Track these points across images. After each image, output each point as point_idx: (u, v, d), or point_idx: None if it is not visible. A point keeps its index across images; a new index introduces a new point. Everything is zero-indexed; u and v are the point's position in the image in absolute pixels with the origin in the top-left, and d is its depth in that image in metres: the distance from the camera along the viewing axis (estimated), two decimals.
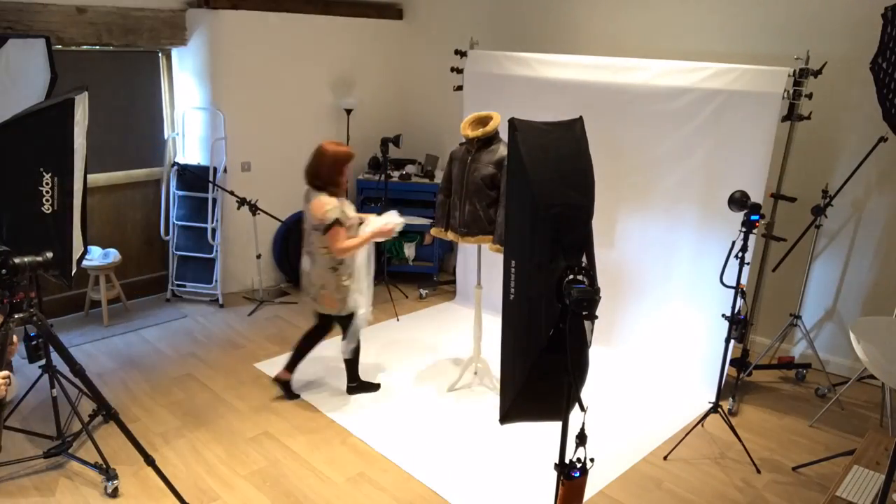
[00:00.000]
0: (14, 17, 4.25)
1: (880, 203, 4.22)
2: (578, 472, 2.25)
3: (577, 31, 5.26)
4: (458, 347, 4.79)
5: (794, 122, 3.90)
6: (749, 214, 3.44)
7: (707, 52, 4.59)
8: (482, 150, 3.86)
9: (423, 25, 6.26)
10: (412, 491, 3.28)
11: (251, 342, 4.81)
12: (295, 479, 3.34)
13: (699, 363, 4.27)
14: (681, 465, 3.54)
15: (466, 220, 3.90)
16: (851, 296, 4.43)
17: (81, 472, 3.30)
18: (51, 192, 3.24)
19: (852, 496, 2.46)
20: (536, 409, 2.39)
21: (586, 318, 2.11)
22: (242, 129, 5.44)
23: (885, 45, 3.69)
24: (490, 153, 3.83)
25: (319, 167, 3.61)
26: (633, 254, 4.53)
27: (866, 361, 2.43)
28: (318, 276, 3.71)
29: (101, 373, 4.24)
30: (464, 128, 3.90)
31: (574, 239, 2.22)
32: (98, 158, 4.96)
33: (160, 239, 5.48)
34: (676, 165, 4.22)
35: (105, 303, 4.97)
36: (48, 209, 3.24)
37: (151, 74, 5.27)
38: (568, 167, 2.28)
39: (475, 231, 3.90)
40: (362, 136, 6.30)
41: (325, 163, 3.60)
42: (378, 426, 3.80)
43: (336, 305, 3.76)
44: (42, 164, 3.21)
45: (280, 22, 5.45)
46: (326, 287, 3.71)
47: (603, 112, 4.38)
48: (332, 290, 3.71)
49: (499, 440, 3.69)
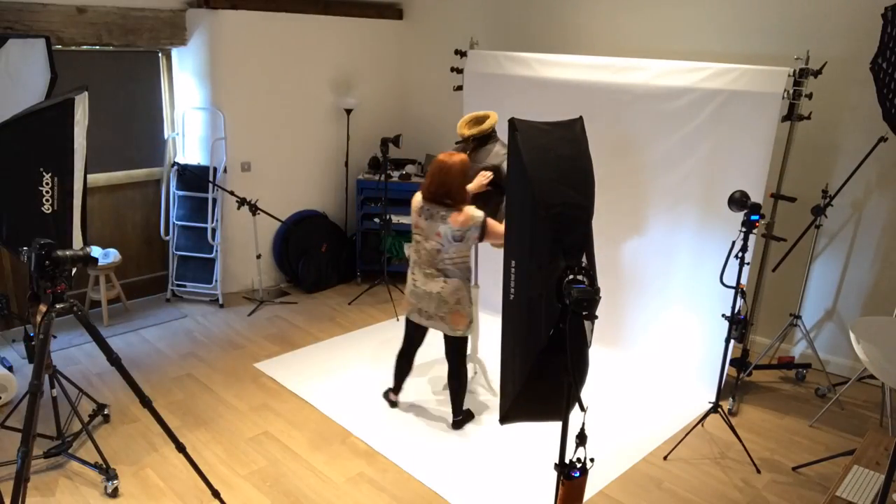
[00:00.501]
0: (14, 17, 4.25)
1: (880, 203, 4.22)
2: (578, 472, 2.25)
3: (577, 31, 5.26)
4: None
5: (794, 122, 3.90)
6: (749, 214, 3.44)
7: (707, 52, 4.59)
8: (478, 149, 3.86)
9: (423, 25, 6.26)
10: (412, 491, 3.28)
11: (251, 342, 4.81)
12: (295, 479, 3.34)
13: (699, 363, 4.27)
14: (681, 465, 3.54)
15: None
16: (851, 296, 4.43)
17: (81, 472, 3.30)
18: (51, 192, 3.24)
19: (852, 496, 2.46)
20: (536, 410, 2.39)
21: (586, 318, 2.11)
22: (242, 129, 5.44)
23: (885, 45, 3.69)
24: (486, 152, 3.83)
25: (450, 183, 3.38)
26: (633, 254, 4.53)
27: (866, 361, 2.43)
28: (453, 291, 3.51)
29: (101, 373, 4.24)
30: (460, 126, 3.90)
31: (574, 239, 2.22)
32: (98, 158, 4.96)
33: (160, 239, 5.48)
34: (676, 165, 4.22)
35: (105, 303, 4.97)
36: (48, 209, 3.24)
37: (151, 74, 5.27)
38: (568, 167, 2.28)
39: None
40: (362, 136, 6.30)
41: (455, 178, 3.37)
42: (378, 426, 3.80)
43: (465, 322, 3.58)
44: (42, 164, 3.21)
45: (280, 22, 5.45)
46: (461, 302, 3.53)
47: (603, 112, 4.38)
48: (466, 303, 3.54)
49: (499, 440, 3.69)
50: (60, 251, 2.49)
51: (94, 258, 2.63)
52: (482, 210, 3.47)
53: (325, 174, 6.15)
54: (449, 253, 3.48)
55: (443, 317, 3.57)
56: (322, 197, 6.18)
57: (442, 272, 3.52)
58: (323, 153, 6.08)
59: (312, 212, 6.07)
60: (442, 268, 3.52)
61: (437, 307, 3.56)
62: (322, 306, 5.50)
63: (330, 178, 6.21)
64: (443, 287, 3.52)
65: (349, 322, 5.19)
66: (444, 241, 3.46)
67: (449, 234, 3.43)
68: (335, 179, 6.25)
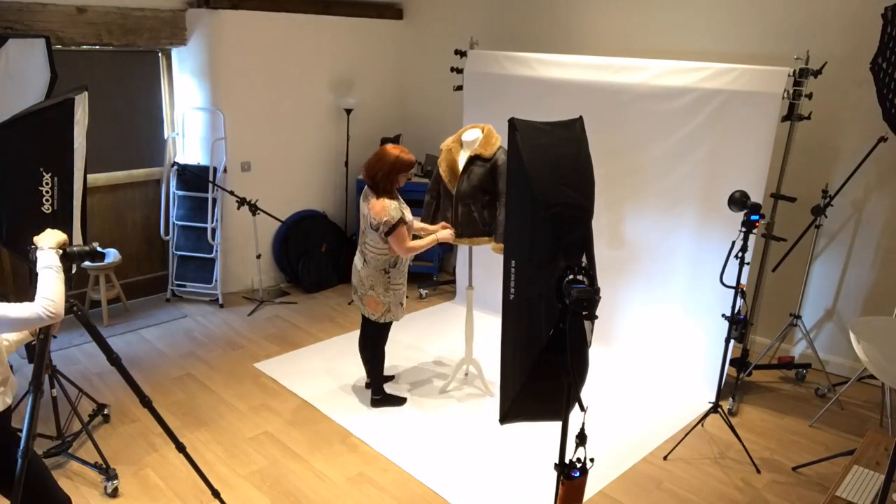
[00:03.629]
0: (14, 17, 4.25)
1: (880, 203, 4.22)
2: (578, 472, 2.25)
3: (577, 31, 5.26)
4: (459, 347, 4.79)
5: (794, 122, 3.90)
6: (749, 214, 3.43)
7: (707, 52, 4.59)
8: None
9: (423, 25, 6.26)
10: (412, 491, 3.28)
11: (251, 342, 4.81)
12: (295, 479, 3.34)
13: (699, 363, 4.27)
14: (681, 465, 3.54)
15: (461, 221, 3.89)
16: (851, 296, 4.43)
17: (81, 472, 3.30)
18: (51, 192, 3.24)
19: (852, 496, 2.46)
20: (536, 409, 2.39)
21: (586, 317, 2.11)
22: (242, 129, 5.44)
23: (885, 45, 3.69)
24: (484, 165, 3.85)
25: (377, 170, 3.55)
26: (633, 253, 4.53)
27: (866, 361, 2.43)
28: (367, 276, 3.63)
29: (101, 372, 4.24)
30: (453, 141, 3.92)
31: (574, 239, 2.22)
32: (98, 158, 4.96)
33: (160, 239, 5.48)
34: (676, 165, 4.22)
35: (105, 303, 4.97)
36: (48, 209, 3.24)
37: (151, 74, 5.27)
38: (568, 167, 2.28)
39: (468, 232, 3.91)
40: (362, 136, 6.30)
41: (382, 168, 3.54)
42: (378, 426, 3.80)
43: (379, 310, 3.68)
44: (42, 164, 3.21)
45: (280, 22, 5.45)
46: (375, 289, 3.63)
47: (603, 112, 4.38)
48: (381, 292, 3.63)
49: (499, 440, 3.69)
50: (68, 248, 2.51)
51: (101, 252, 2.63)
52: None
53: (325, 174, 6.15)
54: (368, 238, 3.60)
55: (360, 297, 3.73)
56: (322, 197, 6.18)
57: (363, 254, 3.67)
58: (323, 153, 6.08)
59: (312, 212, 6.07)
60: (363, 250, 3.67)
61: (357, 285, 3.73)
62: (322, 306, 5.50)
63: (330, 178, 6.21)
64: (362, 268, 3.68)
65: (349, 322, 5.19)
66: (365, 224, 3.62)
67: (368, 219, 3.58)
68: (335, 179, 6.25)
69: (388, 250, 3.56)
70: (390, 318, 3.74)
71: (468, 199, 3.85)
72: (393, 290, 3.66)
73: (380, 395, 3.99)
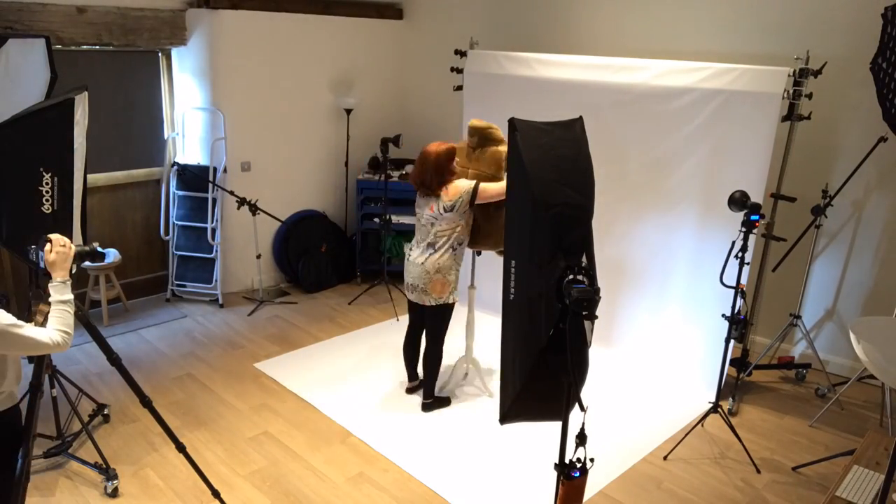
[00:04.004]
0: (14, 17, 4.25)
1: (880, 203, 4.22)
2: (578, 472, 2.25)
3: (577, 31, 5.26)
4: (459, 347, 4.78)
5: (794, 122, 3.90)
6: (749, 214, 3.43)
7: (707, 52, 4.59)
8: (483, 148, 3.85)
9: (423, 25, 6.26)
10: (412, 491, 3.28)
11: (251, 342, 4.81)
12: (295, 479, 3.34)
13: (699, 363, 4.27)
14: (681, 465, 3.54)
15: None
16: (851, 296, 4.43)
17: (81, 472, 3.30)
18: (51, 192, 3.24)
19: (852, 496, 2.46)
20: (536, 409, 2.39)
21: (586, 317, 2.11)
22: (242, 129, 5.44)
23: (885, 45, 3.70)
24: (489, 153, 3.82)
25: (424, 173, 3.64)
26: (633, 253, 4.53)
27: (866, 361, 2.43)
28: (434, 262, 3.67)
29: (101, 372, 4.24)
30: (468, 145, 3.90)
31: (574, 239, 2.22)
32: (98, 158, 4.96)
33: (160, 239, 5.48)
34: (676, 165, 4.22)
35: (105, 303, 4.97)
36: (48, 209, 3.24)
37: (151, 74, 5.27)
38: (568, 167, 2.28)
39: None
40: (362, 136, 6.30)
41: (427, 169, 3.62)
42: (378, 426, 3.80)
43: (447, 289, 3.72)
44: (42, 164, 3.21)
45: (280, 22, 5.45)
46: (441, 271, 3.67)
47: (603, 112, 4.38)
48: (447, 272, 3.69)
49: (499, 440, 3.69)
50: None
51: (100, 252, 2.64)
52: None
53: (325, 174, 6.15)
54: (436, 228, 3.68)
55: (423, 289, 3.73)
56: (322, 197, 6.18)
57: (430, 246, 3.72)
58: (323, 153, 6.08)
59: (312, 212, 6.07)
60: (431, 241, 3.72)
61: (418, 279, 3.73)
62: (322, 306, 5.50)
63: (330, 178, 6.21)
64: (426, 259, 3.71)
65: (349, 322, 5.19)
66: (429, 221, 3.70)
67: (437, 212, 3.66)
68: (335, 179, 6.25)
69: (459, 227, 3.67)
70: (455, 298, 3.79)
71: None
72: (457, 268, 3.75)
73: (431, 398, 3.95)
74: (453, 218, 3.64)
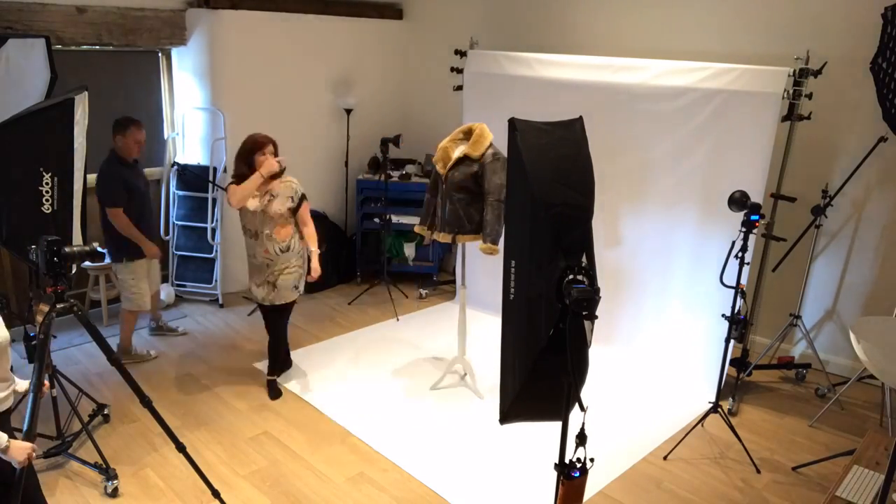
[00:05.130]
0: (14, 17, 4.25)
1: (880, 203, 4.22)
2: (578, 472, 2.26)
3: (577, 31, 5.26)
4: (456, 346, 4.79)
5: (794, 122, 3.90)
6: (749, 214, 3.44)
7: (707, 52, 4.58)
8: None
9: (423, 25, 6.26)
10: (412, 491, 3.28)
11: (251, 342, 4.81)
12: (295, 479, 3.34)
13: (699, 363, 4.27)
14: (681, 465, 3.54)
15: (448, 218, 3.91)
16: (851, 296, 4.43)
17: (81, 472, 3.30)
18: (51, 192, 3.24)
19: (852, 496, 2.45)
20: (536, 409, 2.39)
21: (586, 317, 2.11)
22: (242, 129, 5.41)
23: (885, 45, 3.70)
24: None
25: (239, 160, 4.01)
26: (633, 253, 4.53)
27: (866, 361, 2.43)
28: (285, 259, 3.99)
29: (101, 372, 4.24)
30: (448, 140, 3.92)
31: (574, 239, 2.22)
32: (98, 158, 4.95)
33: (160, 239, 5.47)
34: (676, 165, 4.22)
35: (105, 303, 4.97)
36: (48, 209, 3.24)
37: (151, 74, 5.27)
38: (568, 167, 2.28)
39: (454, 229, 3.91)
40: (362, 136, 6.30)
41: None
42: (378, 426, 3.80)
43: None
44: (42, 164, 3.21)
45: (280, 22, 5.45)
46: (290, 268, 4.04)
47: (603, 112, 4.38)
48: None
49: (499, 440, 3.69)
50: (68, 247, 2.52)
51: (100, 252, 2.65)
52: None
53: (325, 174, 6.15)
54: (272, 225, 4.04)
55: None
56: (322, 197, 6.17)
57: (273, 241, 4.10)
58: (323, 153, 6.08)
59: (312, 211, 6.05)
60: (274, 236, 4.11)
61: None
62: (322, 306, 5.49)
63: (330, 178, 6.20)
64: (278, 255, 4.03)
65: (349, 322, 5.19)
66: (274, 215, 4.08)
67: (286, 205, 4.10)
68: (335, 179, 6.25)
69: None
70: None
71: (454, 196, 3.86)
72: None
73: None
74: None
